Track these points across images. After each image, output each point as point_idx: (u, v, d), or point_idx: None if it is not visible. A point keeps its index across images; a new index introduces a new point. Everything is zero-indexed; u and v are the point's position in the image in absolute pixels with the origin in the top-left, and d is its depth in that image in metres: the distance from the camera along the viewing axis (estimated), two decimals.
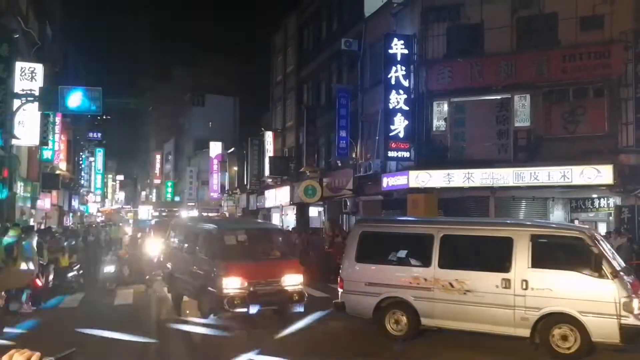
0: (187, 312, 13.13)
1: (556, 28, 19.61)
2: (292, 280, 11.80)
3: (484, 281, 9.66)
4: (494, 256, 10.10)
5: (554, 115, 19.76)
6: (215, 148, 56.34)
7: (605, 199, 19.61)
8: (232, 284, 11.13)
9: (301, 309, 11.55)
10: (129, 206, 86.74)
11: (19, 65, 20.69)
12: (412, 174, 21.05)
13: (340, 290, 11.18)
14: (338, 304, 11.13)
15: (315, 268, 18.16)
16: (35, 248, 13.95)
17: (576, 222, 19.90)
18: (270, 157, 37.32)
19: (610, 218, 19.76)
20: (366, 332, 11.03)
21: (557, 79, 19.52)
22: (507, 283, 9.43)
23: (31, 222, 23.36)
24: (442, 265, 10.07)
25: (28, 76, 20.83)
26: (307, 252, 19.84)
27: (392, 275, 10.59)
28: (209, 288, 11.47)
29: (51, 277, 15.69)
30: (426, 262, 10.27)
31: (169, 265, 14.60)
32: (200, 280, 12.02)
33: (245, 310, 11.01)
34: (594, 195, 19.93)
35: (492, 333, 9.71)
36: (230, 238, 12.72)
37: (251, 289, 11.19)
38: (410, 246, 10.88)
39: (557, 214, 21.29)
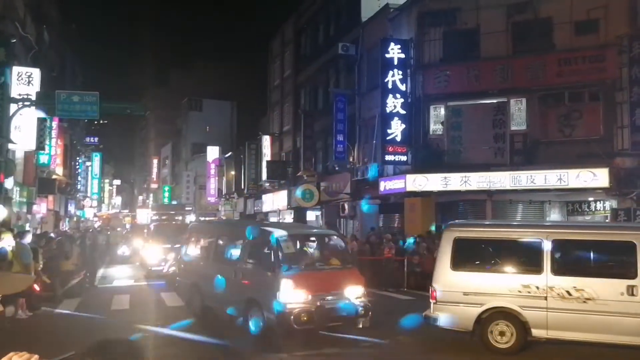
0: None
1: (551, 32, 19.73)
2: (355, 292, 10.80)
3: (607, 288, 8.97)
4: (615, 262, 9.54)
5: (550, 119, 19.85)
6: (213, 152, 56.32)
7: (602, 201, 19.66)
8: (297, 298, 10.08)
9: (367, 324, 10.69)
10: (127, 210, 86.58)
11: (15, 69, 20.70)
12: (409, 177, 21.11)
13: (432, 301, 10.04)
14: (431, 315, 10.08)
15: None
16: (31, 253, 13.91)
17: None
18: (267, 161, 37.34)
19: (607, 221, 19.79)
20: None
21: (553, 83, 19.63)
22: (633, 290, 8.84)
23: (27, 227, 23.31)
24: (556, 272, 9.29)
25: (25, 81, 20.84)
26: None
27: (496, 283, 9.66)
28: (265, 302, 10.35)
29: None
30: (536, 269, 9.44)
31: (188, 275, 13.45)
32: (248, 293, 10.91)
33: (312, 327, 10.08)
34: (590, 198, 19.98)
35: (616, 343, 9.06)
36: (289, 245, 11.21)
37: (318, 303, 10.16)
38: (515, 252, 10.18)
39: (554, 217, 21.31)
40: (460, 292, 9.75)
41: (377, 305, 12.00)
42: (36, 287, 14.23)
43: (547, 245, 9.43)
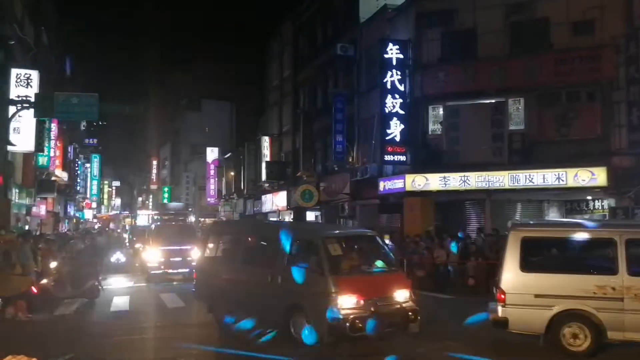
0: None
1: (548, 32, 19.79)
2: (404, 296, 10.30)
3: None
4: None
5: (548, 119, 19.91)
6: (212, 153, 56.36)
7: (600, 200, 19.72)
8: (350, 304, 9.56)
9: (416, 329, 10.16)
10: (127, 212, 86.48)
11: (14, 71, 20.75)
12: (409, 177, 21.17)
13: (500, 304, 9.65)
14: (499, 319, 9.66)
15: None
16: (31, 254, 13.97)
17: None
18: (267, 161, 37.36)
19: (606, 219, 19.83)
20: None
21: (550, 83, 19.69)
22: None
23: (26, 229, 23.34)
24: (632, 272, 9.00)
25: (24, 82, 20.88)
26: None
27: (568, 285, 9.32)
28: (313, 309, 9.67)
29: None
30: (610, 270, 9.18)
31: (211, 279, 12.42)
32: (291, 299, 10.11)
33: (366, 334, 9.46)
34: (589, 197, 20.04)
35: None
36: (335, 247, 10.60)
37: (372, 308, 9.64)
38: (586, 252, 9.99)
39: (552, 216, 21.39)
40: (531, 294, 9.46)
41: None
42: (34, 289, 14.31)
43: (620, 245, 9.16)
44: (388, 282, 10.37)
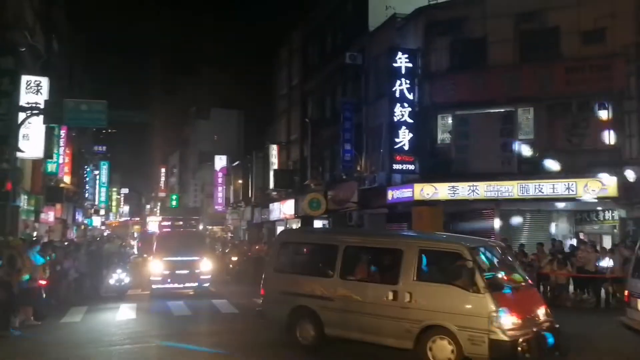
0: None
1: (559, 41, 19.69)
2: (544, 312, 9.37)
3: None
4: None
5: (558, 128, 19.76)
6: (220, 161, 56.47)
7: (610, 211, 19.54)
8: (510, 323, 8.51)
9: (566, 353, 9.20)
10: (137, 218, 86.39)
11: (24, 78, 20.79)
12: (417, 186, 21.06)
13: None
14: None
15: None
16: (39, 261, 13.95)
17: (581, 235, 19.86)
18: (274, 170, 37.37)
19: (615, 230, 19.67)
20: None
21: (560, 92, 19.57)
22: None
23: (34, 236, 23.35)
24: None
25: (33, 89, 20.94)
26: None
27: None
28: (466, 330, 8.62)
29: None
30: None
31: (289, 296, 10.79)
32: (429, 319, 9.02)
33: (533, 356, 8.51)
34: (599, 208, 19.87)
35: None
36: (482, 260, 9.40)
37: (533, 328, 8.72)
38: None
39: (562, 227, 21.22)
40: None
41: None
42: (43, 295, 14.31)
43: None
44: (532, 298, 9.55)
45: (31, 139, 20.97)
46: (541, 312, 9.28)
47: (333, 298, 10.13)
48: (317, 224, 31.62)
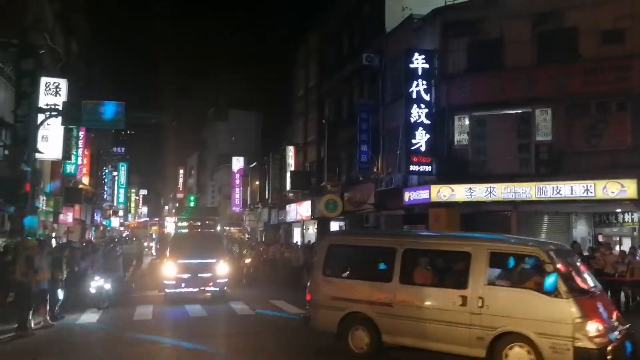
0: None
1: (577, 42, 19.46)
2: (618, 319, 9.05)
3: None
4: None
5: (576, 129, 19.53)
6: (238, 163, 56.69)
7: (630, 213, 19.28)
8: (595, 330, 8.13)
9: None
10: (157, 219, 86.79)
11: (43, 80, 21.08)
12: (434, 188, 20.95)
13: None
14: None
15: None
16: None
17: (600, 237, 19.61)
18: (291, 171, 37.41)
19: (635, 233, 19.41)
20: None
21: (579, 93, 19.32)
22: None
23: (53, 236, 23.61)
24: None
25: (52, 91, 21.22)
26: None
27: None
28: (548, 337, 8.22)
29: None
30: None
31: (340, 302, 10.29)
32: (502, 326, 8.62)
33: None
34: (618, 210, 19.60)
35: None
36: (560, 263, 8.89)
37: (617, 334, 8.40)
38: None
39: (580, 229, 20.98)
40: None
41: None
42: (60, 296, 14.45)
43: None
44: (606, 304, 9.10)
45: (50, 140, 21.26)
46: (615, 318, 8.92)
47: (392, 304, 9.65)
48: (334, 225, 31.60)
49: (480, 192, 20.18)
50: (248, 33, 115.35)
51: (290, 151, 39.03)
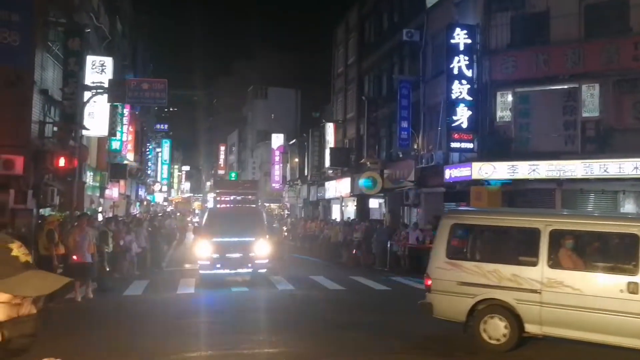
0: None
1: (627, 15, 18.81)
2: None
3: None
4: None
5: (625, 105, 18.97)
6: (277, 140, 57.00)
7: None
8: None
9: None
10: (200, 195, 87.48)
11: (90, 58, 21.46)
12: (475, 165, 20.69)
13: None
14: None
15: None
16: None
17: None
18: (330, 148, 37.43)
19: None
20: None
21: (628, 68, 18.71)
22: None
23: (99, 211, 24.19)
24: None
25: (98, 69, 21.61)
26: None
27: None
28: None
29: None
30: None
31: (469, 288, 9.39)
32: None
33: None
34: None
35: None
36: None
37: None
38: None
39: (628, 208, 20.48)
40: None
41: None
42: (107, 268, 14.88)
43: None
44: None
45: (96, 117, 21.69)
46: None
47: (539, 290, 8.76)
48: (373, 202, 31.58)
49: (523, 169, 19.85)
50: (288, 12, 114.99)
51: (330, 128, 39.02)
